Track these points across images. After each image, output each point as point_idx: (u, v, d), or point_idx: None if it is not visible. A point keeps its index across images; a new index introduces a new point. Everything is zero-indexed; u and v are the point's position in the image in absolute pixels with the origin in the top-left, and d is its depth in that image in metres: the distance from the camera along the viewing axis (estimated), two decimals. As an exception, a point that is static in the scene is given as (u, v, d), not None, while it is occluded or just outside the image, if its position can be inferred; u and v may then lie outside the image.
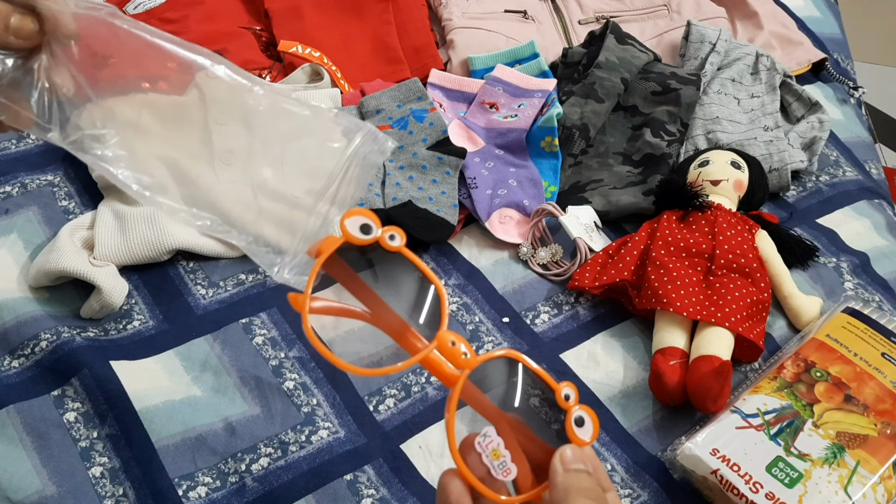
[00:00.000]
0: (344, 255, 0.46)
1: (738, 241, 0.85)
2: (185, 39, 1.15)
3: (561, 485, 0.42)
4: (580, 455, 0.43)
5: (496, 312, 0.84)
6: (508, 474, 0.43)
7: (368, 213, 0.45)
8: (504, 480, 0.43)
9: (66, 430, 0.71)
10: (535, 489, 0.43)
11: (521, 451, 0.45)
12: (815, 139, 1.03)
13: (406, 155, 0.95)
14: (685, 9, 1.20)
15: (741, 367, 0.81)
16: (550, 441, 0.45)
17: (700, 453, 0.68)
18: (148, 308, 0.82)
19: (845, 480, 0.66)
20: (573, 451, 0.43)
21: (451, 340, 0.44)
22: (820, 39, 1.29)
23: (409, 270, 0.46)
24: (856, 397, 0.72)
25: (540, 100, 1.00)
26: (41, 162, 0.94)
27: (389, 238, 0.44)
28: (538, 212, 0.90)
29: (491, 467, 0.43)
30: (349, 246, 0.45)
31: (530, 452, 0.45)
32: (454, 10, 1.15)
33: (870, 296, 0.89)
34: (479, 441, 0.43)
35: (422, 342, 0.45)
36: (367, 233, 0.45)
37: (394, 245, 0.45)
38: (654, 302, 0.80)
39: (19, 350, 0.76)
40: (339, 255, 0.46)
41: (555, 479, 0.42)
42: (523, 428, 0.46)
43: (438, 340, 0.43)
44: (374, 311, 0.48)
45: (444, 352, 0.44)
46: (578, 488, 0.41)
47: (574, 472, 0.42)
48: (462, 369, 0.44)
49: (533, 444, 0.45)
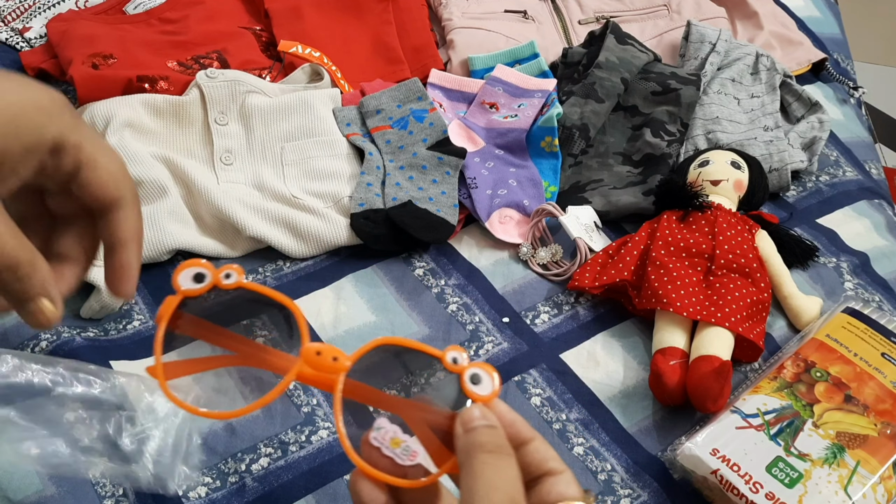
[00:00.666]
0: (189, 309, 0.45)
1: (738, 241, 0.85)
2: (185, 39, 1.16)
3: (462, 447, 0.40)
4: (481, 412, 0.42)
5: (496, 312, 0.84)
6: (414, 457, 0.42)
7: (196, 262, 0.45)
8: (412, 464, 0.42)
9: (66, 430, 0.71)
10: (448, 462, 0.42)
11: (429, 431, 0.43)
12: (815, 139, 1.03)
13: (406, 155, 0.95)
14: (685, 9, 1.20)
15: (741, 367, 0.81)
16: (458, 409, 0.43)
17: (700, 453, 0.68)
18: (148, 308, 0.82)
19: (845, 480, 0.66)
20: (472, 410, 0.42)
21: (315, 351, 0.43)
22: (820, 39, 1.29)
23: (258, 300, 0.45)
24: (856, 397, 0.72)
25: (540, 100, 1.00)
26: (41, 162, 0.94)
27: (225, 277, 0.44)
28: (538, 212, 0.90)
29: (394, 456, 0.42)
30: (189, 300, 0.45)
31: (444, 428, 0.43)
32: (454, 10, 1.15)
33: (870, 296, 0.89)
34: (373, 436, 0.43)
35: (290, 360, 0.44)
36: (201, 281, 0.45)
37: (231, 283, 0.44)
38: (654, 302, 0.80)
39: (20, 350, 0.76)
40: (185, 311, 0.45)
41: (457, 443, 0.41)
42: (429, 407, 0.45)
43: (303, 354, 0.43)
44: (239, 351, 0.47)
45: (312, 363, 0.43)
46: (478, 443, 0.40)
47: (473, 430, 0.41)
48: (337, 373, 0.43)
49: (443, 419, 0.44)
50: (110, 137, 0.88)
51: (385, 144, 0.96)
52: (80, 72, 0.95)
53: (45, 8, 1.12)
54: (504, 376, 0.78)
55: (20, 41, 1.09)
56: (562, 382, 0.78)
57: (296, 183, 0.92)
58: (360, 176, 0.92)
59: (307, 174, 0.93)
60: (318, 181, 0.92)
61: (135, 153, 0.88)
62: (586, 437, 0.74)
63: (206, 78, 0.95)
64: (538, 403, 0.76)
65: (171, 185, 0.88)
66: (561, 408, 0.76)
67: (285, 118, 0.95)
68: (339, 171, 0.93)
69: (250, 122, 0.95)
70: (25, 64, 1.05)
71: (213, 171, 0.92)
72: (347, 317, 0.82)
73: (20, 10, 1.12)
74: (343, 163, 0.94)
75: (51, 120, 0.40)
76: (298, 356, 0.44)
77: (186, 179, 0.89)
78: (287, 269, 0.87)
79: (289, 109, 0.96)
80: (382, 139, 0.96)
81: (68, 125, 0.41)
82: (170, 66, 1.01)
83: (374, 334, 0.81)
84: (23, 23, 1.11)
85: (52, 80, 1.04)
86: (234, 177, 0.92)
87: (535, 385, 0.78)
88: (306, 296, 0.84)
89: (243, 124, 0.95)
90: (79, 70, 0.95)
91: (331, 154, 0.94)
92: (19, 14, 1.11)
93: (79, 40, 1.00)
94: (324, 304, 0.83)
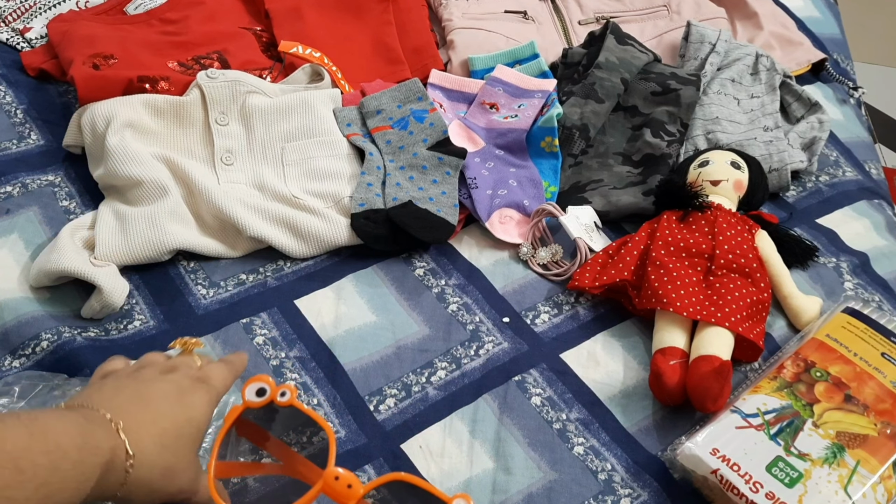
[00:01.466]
0: (250, 417, 0.55)
1: (737, 241, 0.85)
2: (186, 40, 1.16)
3: None
4: None
5: (496, 312, 0.84)
6: None
7: (264, 378, 0.54)
8: None
9: (67, 429, 0.71)
10: None
11: None
12: (814, 139, 1.03)
13: (406, 155, 0.95)
14: (685, 9, 1.20)
15: (741, 367, 0.81)
16: None
17: (700, 453, 0.68)
18: (149, 308, 0.82)
19: (845, 480, 0.66)
20: None
21: (334, 476, 0.50)
22: (820, 40, 1.29)
23: (302, 418, 0.54)
24: (856, 397, 0.72)
25: (540, 100, 1.00)
26: (42, 162, 0.94)
27: (280, 395, 0.53)
28: (538, 212, 0.90)
29: None
30: (251, 410, 0.54)
31: None
32: (454, 11, 1.15)
33: (869, 296, 0.89)
34: None
35: (318, 474, 0.51)
36: (261, 395, 0.54)
37: (284, 401, 0.53)
38: (654, 302, 0.81)
39: (20, 350, 0.76)
40: (246, 418, 0.55)
41: None
42: None
43: (324, 477, 0.50)
44: (283, 458, 0.56)
45: (330, 487, 0.50)
46: None
47: None
48: (350, 500, 0.50)
49: None
50: (111, 138, 0.88)
51: (385, 145, 0.96)
52: (80, 72, 0.95)
53: (45, 8, 1.12)
54: (504, 376, 0.78)
55: (21, 41, 1.09)
56: (562, 382, 0.78)
57: (296, 183, 0.92)
58: (361, 176, 0.93)
59: (308, 174, 0.93)
60: (318, 181, 0.92)
61: (136, 153, 0.88)
62: (586, 436, 0.74)
63: (206, 78, 0.95)
64: (538, 403, 0.76)
65: (172, 186, 0.88)
66: (561, 408, 0.76)
67: (286, 118, 0.95)
68: (339, 171, 0.93)
69: (251, 122, 0.95)
70: (26, 64, 1.05)
71: (214, 172, 0.92)
72: (348, 317, 0.82)
73: (21, 10, 1.12)
74: (343, 163, 0.94)
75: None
76: (325, 471, 0.51)
77: (187, 179, 0.89)
78: (287, 269, 0.87)
79: (289, 110, 0.96)
80: (383, 139, 0.96)
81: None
82: (170, 67, 1.01)
83: (374, 334, 0.81)
84: (23, 23, 1.11)
85: (53, 80, 1.04)
86: (234, 177, 0.92)
87: (536, 385, 0.78)
88: (306, 296, 0.84)
89: (244, 124, 0.95)
90: (79, 70, 0.95)
91: (331, 154, 0.94)
92: (20, 14, 1.12)
93: (79, 41, 1.00)
94: (324, 304, 0.83)
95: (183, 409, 0.55)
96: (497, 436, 0.73)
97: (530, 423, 0.75)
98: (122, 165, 0.87)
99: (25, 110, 1.00)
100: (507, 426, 0.74)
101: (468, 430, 0.74)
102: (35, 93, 1.03)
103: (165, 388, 0.56)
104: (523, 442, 0.73)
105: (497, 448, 0.73)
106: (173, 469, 0.54)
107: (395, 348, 0.80)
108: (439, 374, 0.78)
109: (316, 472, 0.51)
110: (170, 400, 0.56)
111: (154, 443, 0.53)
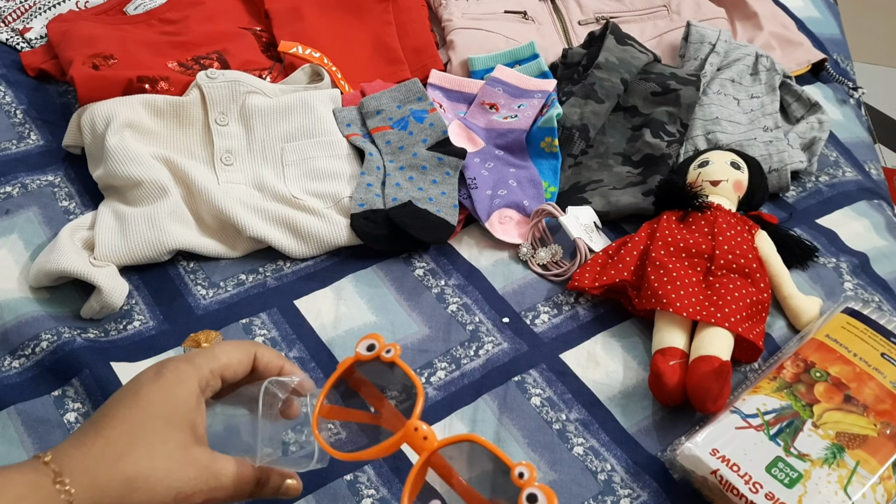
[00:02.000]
0: (359, 368, 0.60)
1: (737, 241, 0.85)
2: (186, 40, 1.16)
3: None
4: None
5: (496, 312, 0.84)
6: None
7: (375, 335, 0.59)
8: None
9: (67, 430, 0.71)
10: None
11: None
12: (814, 140, 1.03)
13: (406, 155, 0.95)
14: (685, 9, 1.20)
15: (741, 367, 0.81)
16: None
17: (700, 453, 0.68)
18: (148, 308, 0.82)
19: (845, 480, 0.66)
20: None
21: (414, 427, 0.54)
22: (820, 40, 1.29)
23: (399, 374, 0.58)
24: (855, 397, 0.72)
25: (540, 100, 1.00)
26: (41, 162, 0.94)
27: (386, 352, 0.57)
28: (538, 212, 0.90)
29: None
30: (361, 362, 0.59)
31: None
32: (454, 11, 1.15)
33: (869, 296, 0.89)
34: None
35: (402, 423, 0.55)
36: (371, 350, 0.58)
37: (388, 357, 0.57)
38: (653, 302, 0.81)
39: (20, 350, 0.76)
40: (356, 368, 0.60)
41: None
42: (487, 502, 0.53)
43: (406, 426, 0.54)
44: (377, 407, 0.61)
45: (409, 436, 0.54)
46: None
47: None
48: (423, 452, 0.54)
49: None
50: (110, 138, 0.88)
51: (385, 145, 0.96)
52: (80, 72, 0.95)
53: (45, 8, 1.12)
54: (504, 377, 0.78)
55: (21, 42, 1.09)
56: (562, 382, 0.78)
57: (296, 183, 0.92)
58: (361, 176, 0.93)
59: (307, 174, 0.93)
60: (318, 181, 0.92)
61: (135, 153, 0.88)
62: (586, 437, 0.74)
63: (206, 78, 0.95)
64: (538, 403, 0.76)
65: (172, 186, 0.88)
66: (561, 408, 0.76)
67: (285, 119, 0.95)
68: (339, 171, 0.93)
69: (250, 122, 0.95)
70: (26, 64, 1.05)
71: (214, 172, 0.92)
72: (348, 317, 0.82)
73: (20, 10, 1.12)
74: (343, 163, 0.94)
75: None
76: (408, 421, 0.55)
77: (187, 180, 0.89)
78: (287, 269, 0.87)
79: (289, 110, 0.96)
80: (382, 140, 0.96)
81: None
82: (170, 67, 1.01)
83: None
84: (23, 23, 1.11)
85: (53, 80, 1.04)
86: (234, 177, 0.92)
87: (535, 385, 0.78)
88: (306, 296, 0.84)
89: (244, 125, 0.95)
90: (79, 70, 0.95)
91: (331, 154, 0.94)
92: (20, 14, 1.12)
93: (79, 41, 1.00)
94: (324, 304, 0.83)
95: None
96: (497, 436, 0.73)
97: (530, 423, 0.75)
98: (121, 166, 0.87)
99: (25, 110, 1.00)
100: (506, 426, 0.74)
101: (468, 430, 0.74)
102: (35, 93, 1.03)
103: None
104: (523, 442, 0.73)
105: (497, 448, 0.72)
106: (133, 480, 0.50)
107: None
108: (439, 374, 0.78)
109: (402, 421, 0.55)
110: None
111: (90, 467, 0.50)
